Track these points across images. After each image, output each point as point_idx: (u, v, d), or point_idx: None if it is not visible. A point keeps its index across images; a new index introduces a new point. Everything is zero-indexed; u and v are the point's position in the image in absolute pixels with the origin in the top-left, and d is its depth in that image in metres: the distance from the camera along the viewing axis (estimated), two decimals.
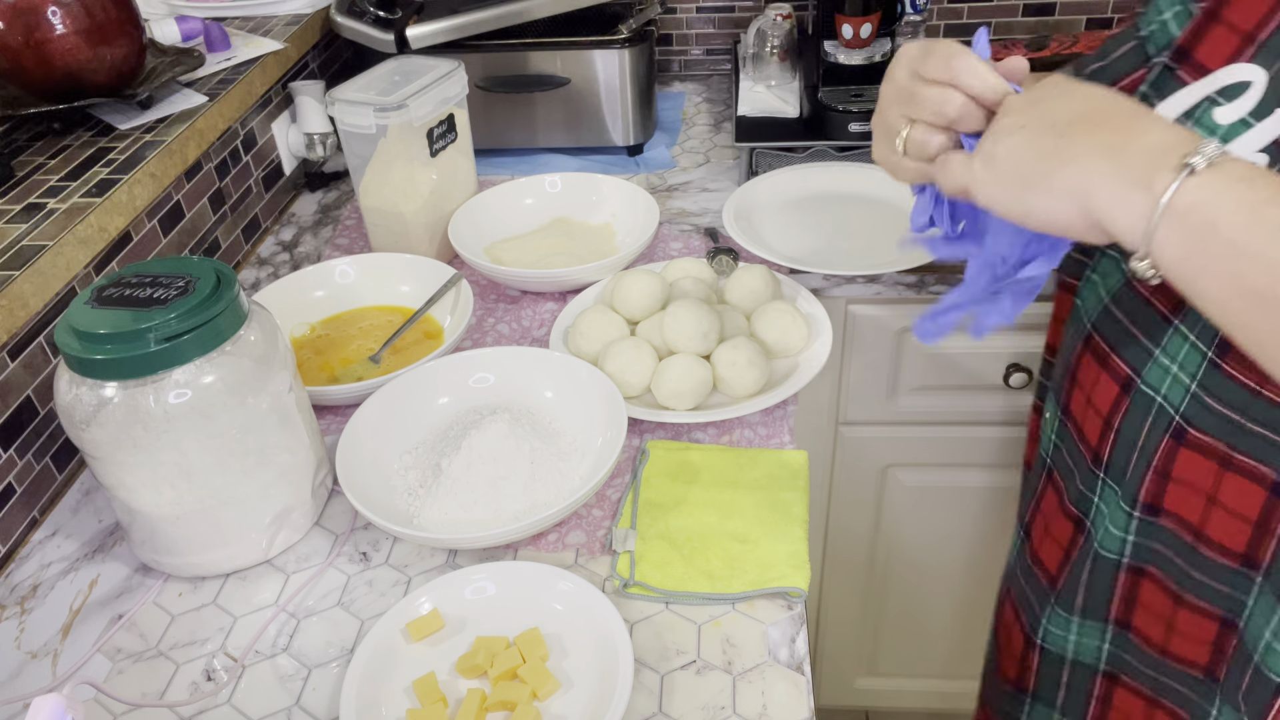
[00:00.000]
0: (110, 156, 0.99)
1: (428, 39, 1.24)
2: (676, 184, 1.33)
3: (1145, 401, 0.68)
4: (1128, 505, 0.72)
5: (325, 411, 0.96)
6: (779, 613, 0.73)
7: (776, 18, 1.42)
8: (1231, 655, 0.69)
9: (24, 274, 0.81)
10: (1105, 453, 0.73)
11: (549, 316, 1.07)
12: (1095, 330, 0.74)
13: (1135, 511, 0.71)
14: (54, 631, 0.76)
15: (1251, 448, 0.62)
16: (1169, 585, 0.71)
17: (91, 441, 0.71)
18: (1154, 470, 0.69)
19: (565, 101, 1.34)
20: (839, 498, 1.35)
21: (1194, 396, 0.64)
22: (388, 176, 1.11)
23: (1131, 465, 0.71)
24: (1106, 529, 0.74)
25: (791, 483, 0.84)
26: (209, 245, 1.14)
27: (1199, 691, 0.73)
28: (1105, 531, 0.74)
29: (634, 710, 0.67)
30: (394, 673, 0.69)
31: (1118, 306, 0.71)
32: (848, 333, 1.19)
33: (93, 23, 0.98)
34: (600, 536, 0.81)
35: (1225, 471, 0.64)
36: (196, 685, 0.71)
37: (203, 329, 0.70)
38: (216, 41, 1.23)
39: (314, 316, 1.07)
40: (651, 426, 0.91)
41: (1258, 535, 0.64)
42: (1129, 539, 0.73)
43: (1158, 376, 0.67)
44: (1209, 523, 0.66)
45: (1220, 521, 0.66)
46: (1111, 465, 0.73)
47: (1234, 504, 0.65)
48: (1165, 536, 0.70)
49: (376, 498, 0.81)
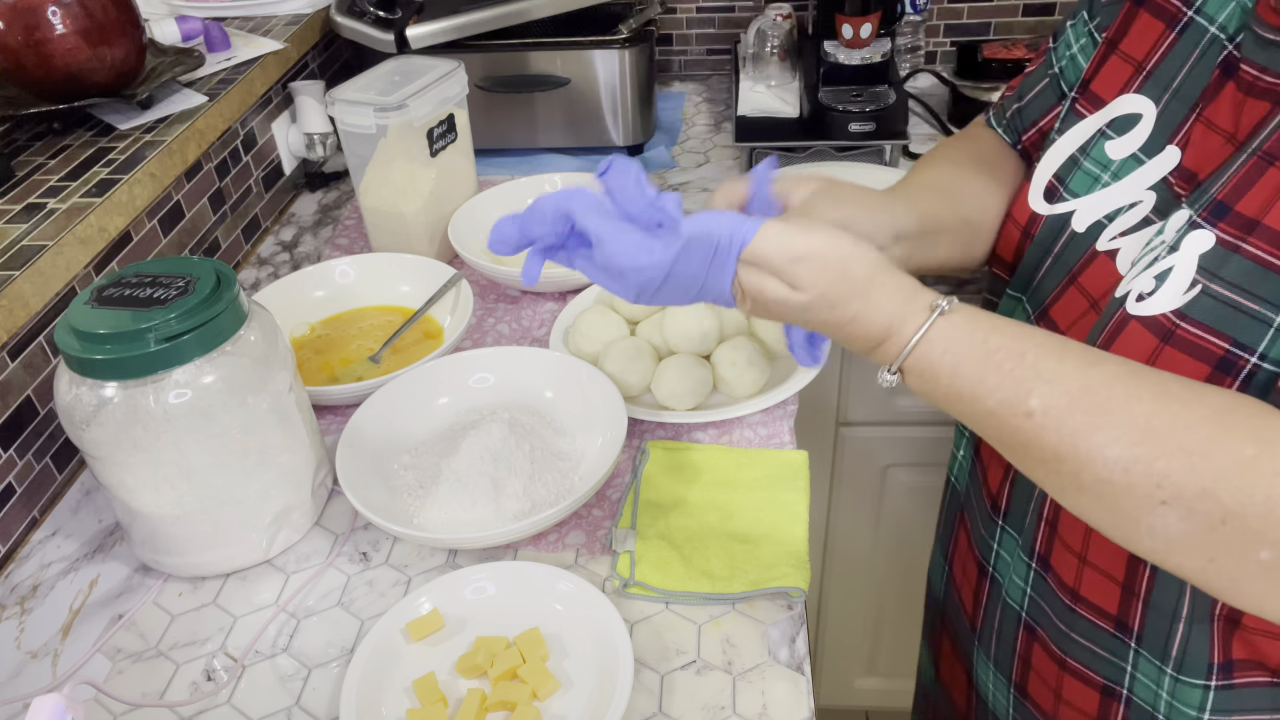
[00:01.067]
0: (110, 156, 0.99)
1: (428, 39, 1.24)
2: (676, 184, 1.33)
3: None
4: (1026, 555, 0.70)
5: (325, 411, 0.96)
6: (779, 613, 0.73)
7: (776, 18, 1.42)
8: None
9: (24, 274, 0.81)
10: (1003, 501, 0.73)
11: (549, 316, 1.07)
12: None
13: (1032, 563, 0.69)
14: (54, 631, 0.76)
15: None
16: (1053, 649, 0.69)
17: (91, 441, 0.71)
18: (1044, 521, 0.67)
19: (565, 101, 1.34)
20: (839, 498, 1.35)
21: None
22: (388, 176, 1.11)
23: (1028, 515, 0.69)
24: (1011, 579, 0.73)
25: (792, 483, 0.84)
26: (209, 245, 1.14)
27: None
28: (1010, 581, 0.73)
29: (634, 710, 0.67)
30: (394, 673, 0.69)
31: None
32: None
33: (93, 23, 0.98)
34: (600, 536, 0.81)
35: (1091, 532, 0.62)
36: (196, 685, 0.71)
37: (203, 329, 0.70)
38: (216, 41, 1.23)
39: (314, 316, 1.07)
40: (651, 426, 0.91)
41: (1125, 598, 0.62)
42: (1027, 591, 0.71)
43: None
44: (1082, 583, 0.65)
45: (1092, 582, 0.64)
46: (1010, 513, 0.72)
47: (1102, 563, 0.63)
48: (1050, 595, 0.68)
49: (376, 498, 0.81)
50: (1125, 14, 0.67)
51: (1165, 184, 0.61)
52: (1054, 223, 0.68)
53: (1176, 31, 0.62)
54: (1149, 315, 0.55)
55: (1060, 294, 0.67)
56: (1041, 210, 0.69)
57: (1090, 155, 0.65)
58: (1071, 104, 0.70)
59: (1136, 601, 0.62)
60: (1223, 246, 0.53)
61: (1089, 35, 0.71)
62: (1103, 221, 0.64)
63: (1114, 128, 0.64)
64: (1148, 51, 0.63)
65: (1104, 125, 0.65)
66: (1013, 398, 0.50)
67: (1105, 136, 0.65)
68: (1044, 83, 0.75)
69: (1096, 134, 0.66)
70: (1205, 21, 0.60)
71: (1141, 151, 0.62)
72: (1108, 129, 0.65)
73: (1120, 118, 0.64)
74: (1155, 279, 0.55)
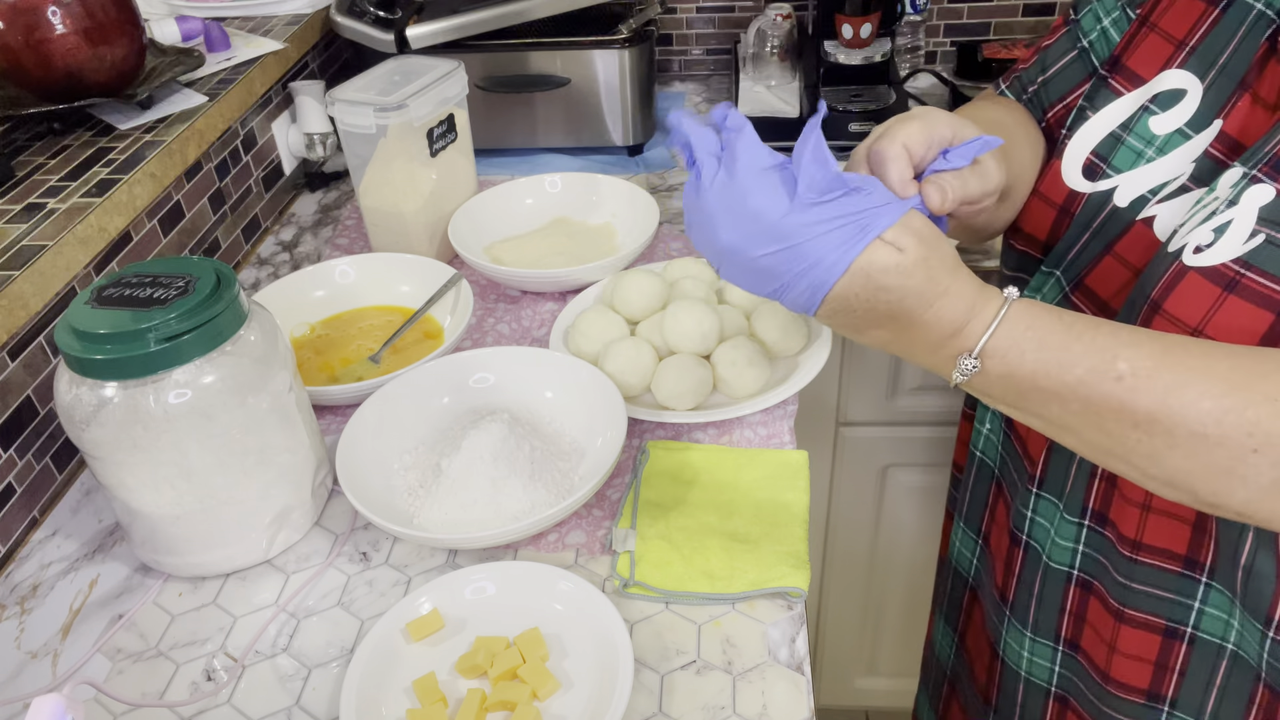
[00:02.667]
0: (110, 156, 0.99)
1: (428, 39, 1.24)
2: (676, 184, 1.33)
3: None
4: (1074, 516, 0.71)
5: (325, 411, 0.96)
6: (779, 613, 0.73)
7: (776, 18, 1.42)
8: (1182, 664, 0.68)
9: (24, 274, 0.81)
10: (1038, 469, 0.73)
11: (549, 316, 1.07)
12: None
13: (1085, 520, 0.71)
14: (54, 631, 0.76)
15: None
16: (1110, 602, 0.71)
17: (91, 441, 0.71)
18: (1099, 479, 0.68)
19: (565, 101, 1.34)
20: (839, 498, 1.35)
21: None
22: (388, 176, 1.11)
23: (1072, 475, 0.70)
24: (1054, 542, 0.73)
25: (791, 483, 0.84)
26: (209, 245, 1.14)
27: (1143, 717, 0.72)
28: (1053, 544, 0.74)
29: (634, 710, 0.67)
30: (394, 673, 0.69)
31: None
32: None
33: (93, 23, 0.98)
34: (600, 536, 0.81)
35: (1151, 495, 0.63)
36: (196, 685, 0.71)
37: (203, 329, 0.70)
38: (216, 41, 1.23)
39: (314, 316, 1.07)
40: (651, 426, 0.91)
41: (1195, 536, 0.64)
42: (1078, 550, 0.72)
43: None
44: (1145, 531, 0.66)
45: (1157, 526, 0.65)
46: (1048, 480, 0.73)
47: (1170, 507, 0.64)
48: (1108, 549, 0.69)
49: (376, 498, 0.81)
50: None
51: (1205, 155, 0.62)
52: (1096, 199, 0.68)
53: (1220, 9, 0.62)
54: (1208, 265, 0.55)
55: (1097, 263, 0.67)
56: (1082, 188, 0.69)
57: (1134, 131, 0.66)
58: (1103, 81, 0.69)
59: (1207, 538, 0.63)
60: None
61: (1121, 9, 0.70)
62: (1146, 196, 0.64)
63: (1158, 103, 0.65)
64: (1189, 29, 0.64)
65: (1147, 101, 0.65)
66: (1100, 364, 0.50)
67: (1149, 112, 0.65)
68: (1070, 55, 0.74)
69: (1140, 110, 0.66)
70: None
71: (1188, 126, 0.63)
72: (1151, 104, 0.65)
73: (1164, 93, 0.64)
74: (1214, 231, 0.55)
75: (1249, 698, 0.66)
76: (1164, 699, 0.70)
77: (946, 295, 0.53)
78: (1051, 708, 0.80)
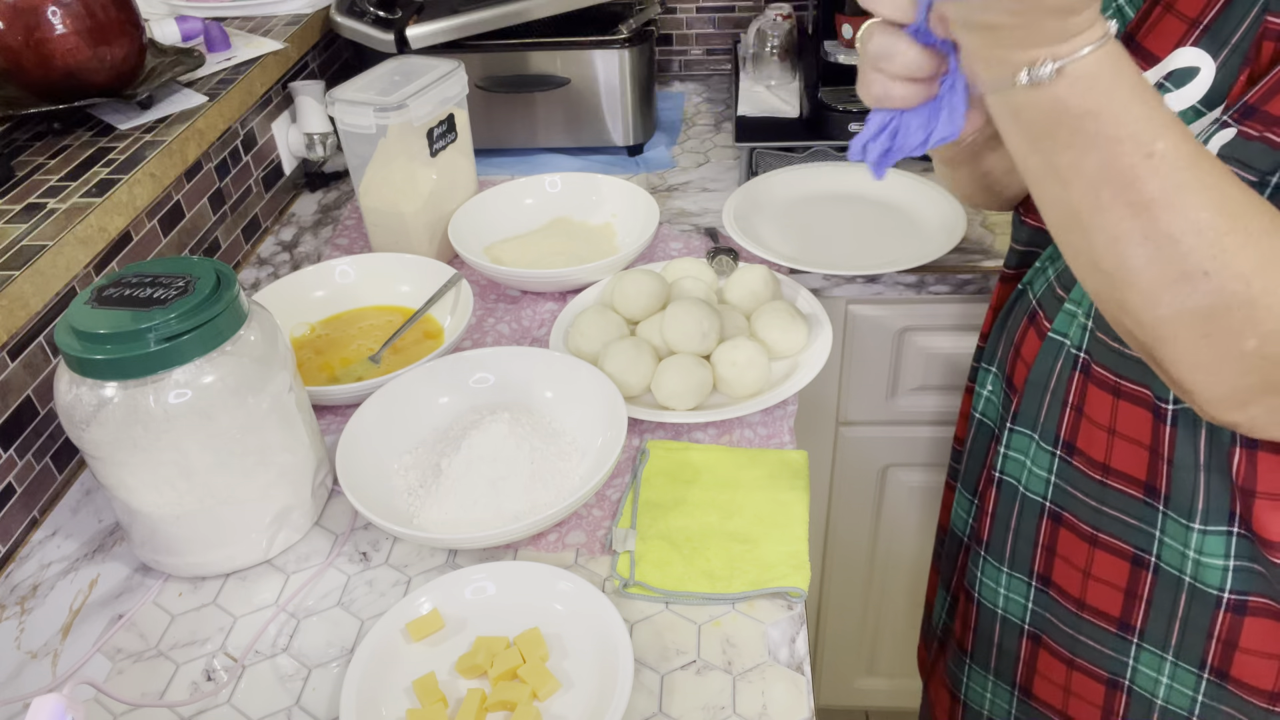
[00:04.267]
0: (110, 156, 0.99)
1: (428, 39, 1.24)
2: (676, 184, 1.33)
3: (1054, 346, 0.71)
4: (1049, 445, 0.74)
5: (325, 411, 0.96)
6: (779, 613, 0.73)
7: (776, 18, 1.42)
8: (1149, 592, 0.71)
9: (24, 274, 0.81)
10: (1015, 404, 0.76)
11: (549, 316, 1.07)
12: (1039, 306, 0.76)
13: (1057, 450, 0.73)
14: (54, 631, 0.76)
15: (1132, 373, 0.65)
16: (1084, 529, 0.73)
17: (91, 441, 0.71)
18: (1069, 407, 0.71)
19: (565, 101, 1.34)
20: (839, 498, 1.35)
21: (1090, 333, 0.68)
22: (388, 176, 1.11)
23: (1045, 406, 0.73)
24: (1030, 472, 0.76)
25: (791, 483, 0.84)
26: (209, 245, 1.14)
27: (1114, 647, 0.74)
28: (1030, 475, 0.76)
29: (634, 710, 0.67)
30: (394, 673, 0.69)
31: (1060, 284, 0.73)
32: (848, 333, 1.19)
33: (93, 23, 0.98)
34: (600, 536, 0.81)
35: (1118, 400, 0.67)
36: (196, 685, 0.71)
37: (203, 329, 0.70)
38: (216, 41, 1.23)
39: (314, 316, 1.07)
40: (651, 426, 0.91)
41: (1153, 461, 0.67)
42: (1051, 480, 0.74)
43: (1064, 321, 0.70)
44: (1112, 456, 0.69)
45: (1121, 452, 0.68)
46: (1021, 413, 0.76)
47: (1130, 431, 0.67)
48: (1078, 478, 0.72)
49: (376, 498, 0.81)
50: None
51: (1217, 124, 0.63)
52: None
53: None
54: None
55: None
56: None
57: None
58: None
59: (1162, 463, 0.66)
60: (1243, 139, 0.56)
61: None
62: None
63: (1172, 80, 0.66)
64: (1203, 7, 0.65)
65: (1161, 79, 0.66)
66: (1145, 133, 0.51)
67: (1164, 89, 0.66)
68: None
69: (1155, 86, 0.67)
70: None
71: (1202, 104, 0.64)
72: (1165, 81, 0.66)
73: (1178, 71, 0.65)
74: None
75: (1208, 628, 0.68)
76: (1133, 629, 0.72)
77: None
78: (1026, 646, 0.81)
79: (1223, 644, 0.68)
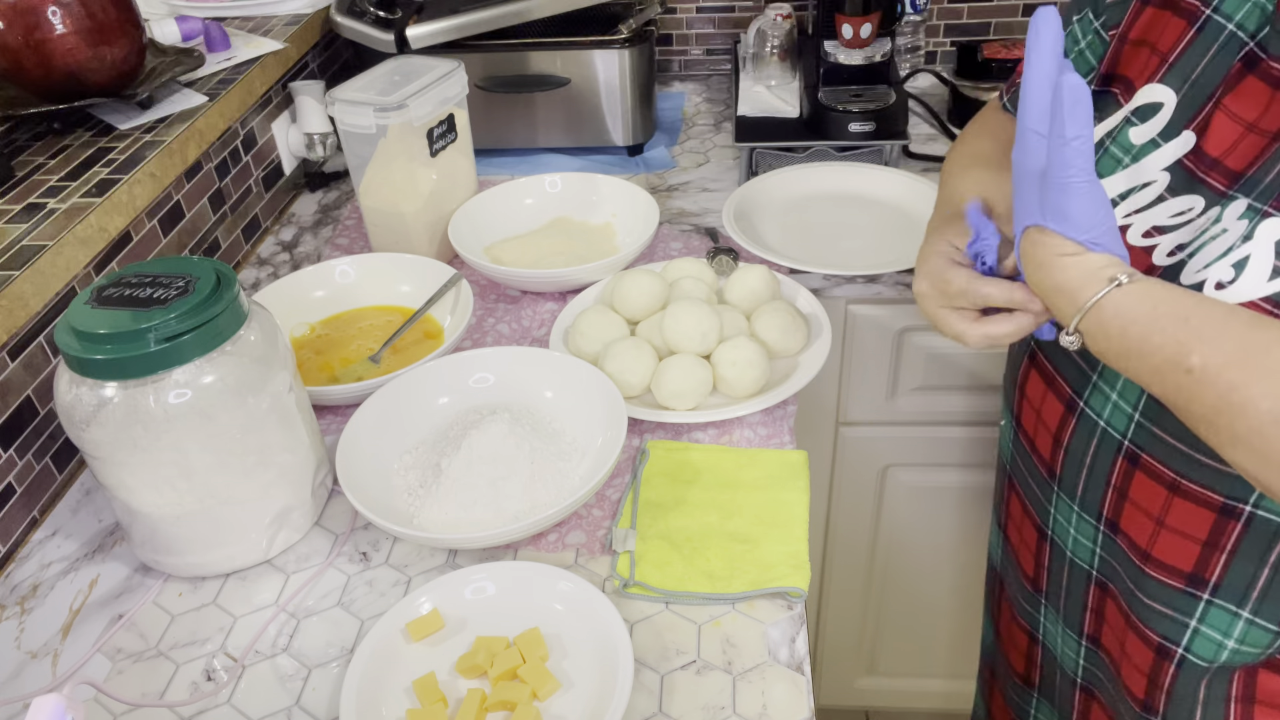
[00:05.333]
0: (110, 156, 0.99)
1: (428, 39, 1.24)
2: (676, 184, 1.33)
3: (1090, 424, 0.70)
4: (1092, 519, 0.73)
5: (325, 411, 0.96)
6: (779, 613, 0.73)
7: (776, 18, 1.42)
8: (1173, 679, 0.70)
9: (24, 274, 0.81)
10: (1057, 468, 0.75)
11: (549, 316, 1.07)
12: (1038, 346, 0.76)
13: (1100, 525, 0.72)
14: (54, 631, 0.76)
15: (1202, 476, 0.63)
16: (1122, 604, 0.72)
17: (91, 441, 0.71)
18: (1113, 488, 0.70)
19: (565, 101, 1.34)
20: (839, 498, 1.35)
21: (1139, 426, 0.66)
22: (388, 176, 1.11)
23: (1083, 482, 0.72)
24: (1076, 539, 0.75)
25: (791, 483, 0.84)
26: (209, 245, 1.14)
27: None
28: (1075, 541, 0.75)
29: (634, 710, 0.67)
30: (394, 673, 0.69)
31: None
32: (848, 333, 1.19)
33: (93, 23, 0.98)
34: (600, 536, 0.81)
35: (1174, 496, 0.65)
36: (196, 685, 0.71)
37: (203, 329, 0.70)
38: (216, 41, 1.23)
39: (314, 316, 1.07)
40: (651, 426, 0.91)
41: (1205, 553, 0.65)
42: (1097, 551, 0.73)
43: (1099, 402, 0.69)
44: (1156, 544, 0.67)
45: (1167, 542, 0.67)
46: (1063, 480, 0.74)
47: (1182, 526, 0.65)
48: (1120, 555, 0.71)
49: (376, 498, 0.81)
50: (1134, 11, 0.70)
51: (1181, 166, 0.64)
52: None
53: (1196, 28, 0.65)
54: (1238, 304, 0.57)
55: None
56: None
57: (1116, 141, 0.68)
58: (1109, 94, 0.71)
59: (1219, 554, 0.65)
60: None
61: (1095, 33, 0.73)
62: (1116, 200, 0.67)
63: (1138, 115, 0.67)
64: (1171, 45, 0.66)
65: (1129, 114, 0.68)
66: (1175, 356, 0.54)
67: (1129, 124, 0.68)
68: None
69: (1122, 121, 0.68)
70: (1223, 20, 0.63)
71: (1160, 136, 0.65)
72: (1132, 116, 0.68)
73: (1144, 106, 0.67)
74: (1233, 267, 0.58)
75: None
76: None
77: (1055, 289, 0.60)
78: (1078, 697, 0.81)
79: None
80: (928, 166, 1.31)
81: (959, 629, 1.47)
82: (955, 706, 1.56)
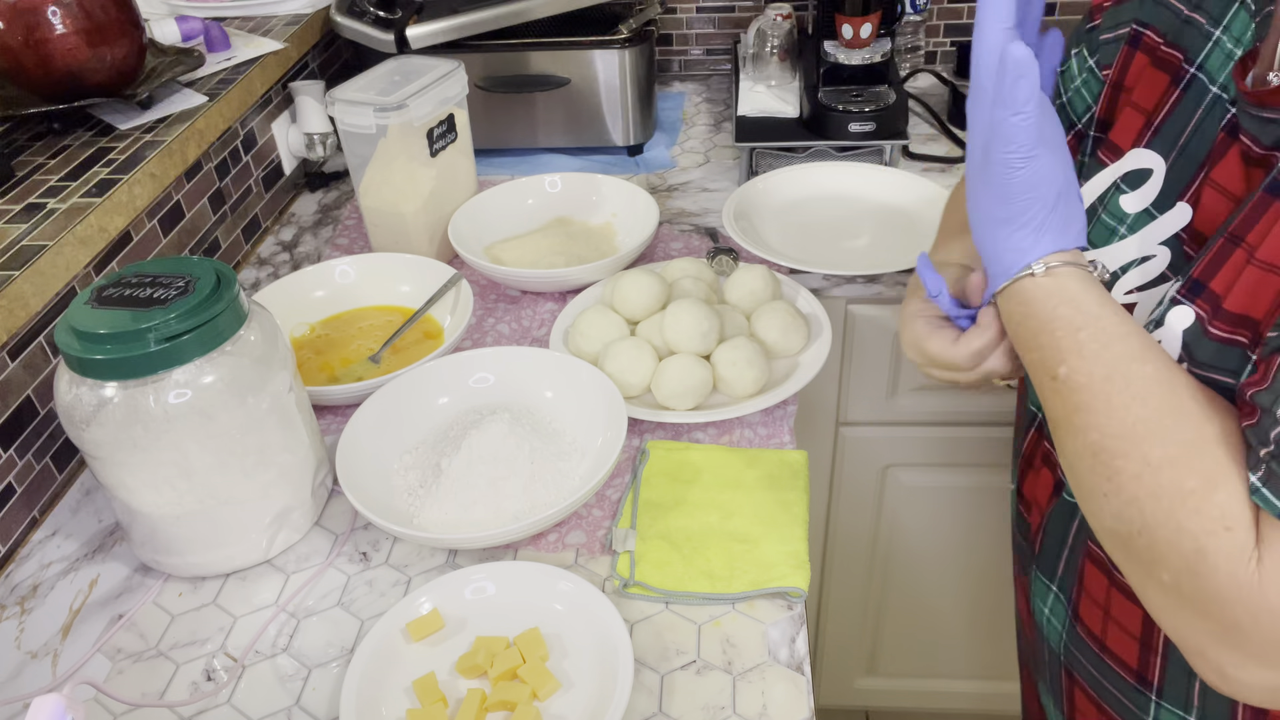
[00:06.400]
0: (110, 156, 0.99)
1: (428, 39, 1.24)
2: (676, 184, 1.33)
3: (1069, 505, 0.68)
4: (1064, 601, 0.71)
5: (325, 411, 0.96)
6: (779, 613, 0.73)
7: (776, 18, 1.42)
8: None
9: (24, 274, 0.81)
10: (1036, 546, 0.73)
11: (549, 316, 1.07)
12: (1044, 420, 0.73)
13: (1068, 610, 0.70)
14: (54, 631, 0.76)
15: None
16: (1090, 692, 0.70)
17: (91, 441, 0.71)
18: (1076, 574, 0.69)
19: (565, 101, 1.34)
20: (839, 498, 1.35)
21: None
22: (388, 176, 1.11)
23: (1061, 563, 0.70)
24: (1049, 620, 0.73)
25: (791, 483, 0.84)
26: (209, 245, 1.14)
27: None
28: (1048, 622, 0.73)
29: (634, 710, 0.67)
30: (394, 673, 0.69)
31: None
32: (848, 333, 1.19)
33: (93, 23, 0.98)
34: (600, 536, 0.81)
35: (1112, 587, 0.64)
36: (196, 685, 0.71)
37: (203, 329, 0.70)
38: (216, 41, 1.23)
39: (314, 316, 1.07)
40: (651, 426, 0.91)
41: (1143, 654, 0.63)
42: (1063, 636, 0.72)
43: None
44: (1108, 637, 0.66)
45: (1115, 636, 0.65)
46: (1040, 558, 0.73)
47: (1122, 620, 0.64)
48: (1080, 643, 0.69)
49: (376, 498, 0.81)
50: (1124, 56, 0.67)
51: (1178, 240, 0.60)
52: None
53: (1180, 88, 0.62)
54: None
55: None
56: None
57: (1107, 208, 0.66)
58: (1093, 151, 0.69)
59: (1155, 656, 0.63)
60: (1200, 324, 0.55)
61: (1090, 71, 0.71)
62: (1117, 273, 0.65)
63: (1127, 181, 0.64)
64: (1155, 104, 0.64)
65: (1118, 179, 0.65)
66: (1049, 359, 0.56)
67: (1120, 190, 0.65)
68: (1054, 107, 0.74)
69: (1111, 187, 0.66)
70: (1206, 80, 0.60)
71: (1154, 207, 0.62)
72: (1121, 183, 0.65)
73: (1132, 172, 0.64)
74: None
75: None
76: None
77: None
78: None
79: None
80: (928, 166, 1.31)
81: (959, 629, 1.47)
82: (955, 706, 1.56)
